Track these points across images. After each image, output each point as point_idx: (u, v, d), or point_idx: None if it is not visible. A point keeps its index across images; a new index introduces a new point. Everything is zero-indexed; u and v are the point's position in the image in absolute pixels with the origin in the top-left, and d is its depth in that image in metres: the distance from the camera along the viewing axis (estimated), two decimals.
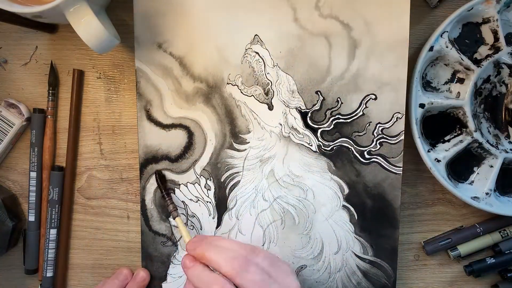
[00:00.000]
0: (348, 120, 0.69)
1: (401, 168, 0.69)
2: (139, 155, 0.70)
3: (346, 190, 0.70)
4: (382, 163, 0.69)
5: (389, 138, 0.69)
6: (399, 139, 0.68)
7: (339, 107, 0.69)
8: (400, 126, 0.68)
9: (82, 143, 0.74)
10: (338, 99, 0.69)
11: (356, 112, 0.69)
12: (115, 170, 0.74)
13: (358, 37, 0.67)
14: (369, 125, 0.69)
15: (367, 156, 0.69)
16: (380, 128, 0.69)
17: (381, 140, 0.69)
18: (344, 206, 0.70)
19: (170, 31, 0.68)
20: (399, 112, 0.68)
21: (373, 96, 0.68)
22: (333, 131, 0.69)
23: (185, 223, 0.71)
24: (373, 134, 0.69)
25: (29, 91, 0.73)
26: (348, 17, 0.67)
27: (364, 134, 0.69)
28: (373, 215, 0.70)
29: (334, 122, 0.69)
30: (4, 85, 0.73)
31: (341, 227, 0.70)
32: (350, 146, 0.69)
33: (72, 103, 0.72)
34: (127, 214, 0.75)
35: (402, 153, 0.69)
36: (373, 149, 0.69)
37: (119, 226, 0.75)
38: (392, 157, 0.69)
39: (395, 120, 0.68)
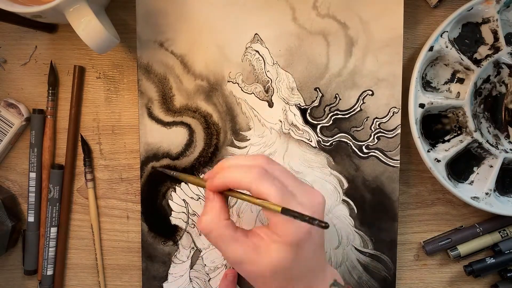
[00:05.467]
0: (346, 116, 0.70)
1: (399, 161, 0.70)
2: (140, 153, 0.70)
3: (346, 185, 0.70)
4: (380, 157, 0.70)
5: (386, 132, 0.69)
6: (395, 133, 0.69)
7: (338, 103, 0.69)
8: (397, 120, 0.69)
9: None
10: (336, 95, 0.69)
11: (354, 108, 0.70)
12: (115, 170, 0.74)
13: (355, 35, 0.69)
14: (366, 120, 0.70)
15: (365, 150, 0.70)
16: (378, 123, 0.69)
17: (378, 135, 0.69)
18: (344, 200, 0.70)
19: (171, 30, 0.69)
20: (395, 107, 0.69)
21: (370, 92, 0.69)
22: (332, 127, 0.70)
23: (186, 222, 0.71)
24: (370, 128, 0.70)
25: (29, 91, 0.73)
26: (345, 16, 0.68)
27: (362, 129, 0.70)
28: (372, 208, 0.70)
29: (333, 118, 0.70)
30: (3, 85, 0.73)
31: (342, 222, 0.71)
32: (348, 141, 0.70)
33: (72, 100, 0.72)
34: (126, 214, 0.75)
35: (399, 146, 0.70)
36: (371, 144, 0.70)
37: (119, 226, 0.75)
38: (390, 151, 0.70)
39: (391, 114, 0.69)
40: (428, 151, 0.69)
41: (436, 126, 0.72)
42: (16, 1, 0.60)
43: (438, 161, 0.69)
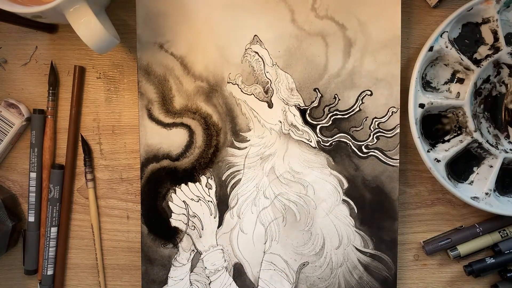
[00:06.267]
0: (346, 116, 0.70)
1: (398, 161, 0.70)
2: (140, 154, 0.70)
3: (346, 185, 0.70)
4: (380, 157, 0.70)
5: (385, 132, 0.70)
6: (395, 133, 0.70)
7: (337, 104, 0.70)
8: (396, 120, 0.70)
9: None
10: (336, 95, 0.69)
11: (353, 108, 0.70)
12: (115, 170, 0.74)
13: (353, 36, 0.69)
14: (365, 120, 0.70)
15: (364, 150, 0.70)
16: (377, 123, 0.70)
17: (377, 134, 0.70)
18: (344, 200, 0.71)
19: (171, 32, 0.69)
20: (394, 107, 0.69)
21: (369, 92, 0.69)
22: (332, 127, 0.70)
23: (186, 224, 0.71)
24: (370, 128, 0.70)
25: (29, 91, 0.73)
26: (343, 17, 0.69)
27: (361, 129, 0.70)
28: (372, 208, 0.71)
29: (332, 118, 0.70)
30: (4, 85, 0.73)
31: (342, 222, 0.71)
32: (348, 141, 0.70)
33: (73, 100, 0.72)
34: (127, 214, 0.75)
35: (398, 146, 0.70)
36: (370, 143, 0.70)
37: (119, 226, 0.75)
38: (389, 150, 0.70)
39: (390, 114, 0.69)
40: (428, 151, 0.69)
41: (436, 126, 0.72)
42: (16, 1, 0.61)
43: (438, 161, 0.69)
